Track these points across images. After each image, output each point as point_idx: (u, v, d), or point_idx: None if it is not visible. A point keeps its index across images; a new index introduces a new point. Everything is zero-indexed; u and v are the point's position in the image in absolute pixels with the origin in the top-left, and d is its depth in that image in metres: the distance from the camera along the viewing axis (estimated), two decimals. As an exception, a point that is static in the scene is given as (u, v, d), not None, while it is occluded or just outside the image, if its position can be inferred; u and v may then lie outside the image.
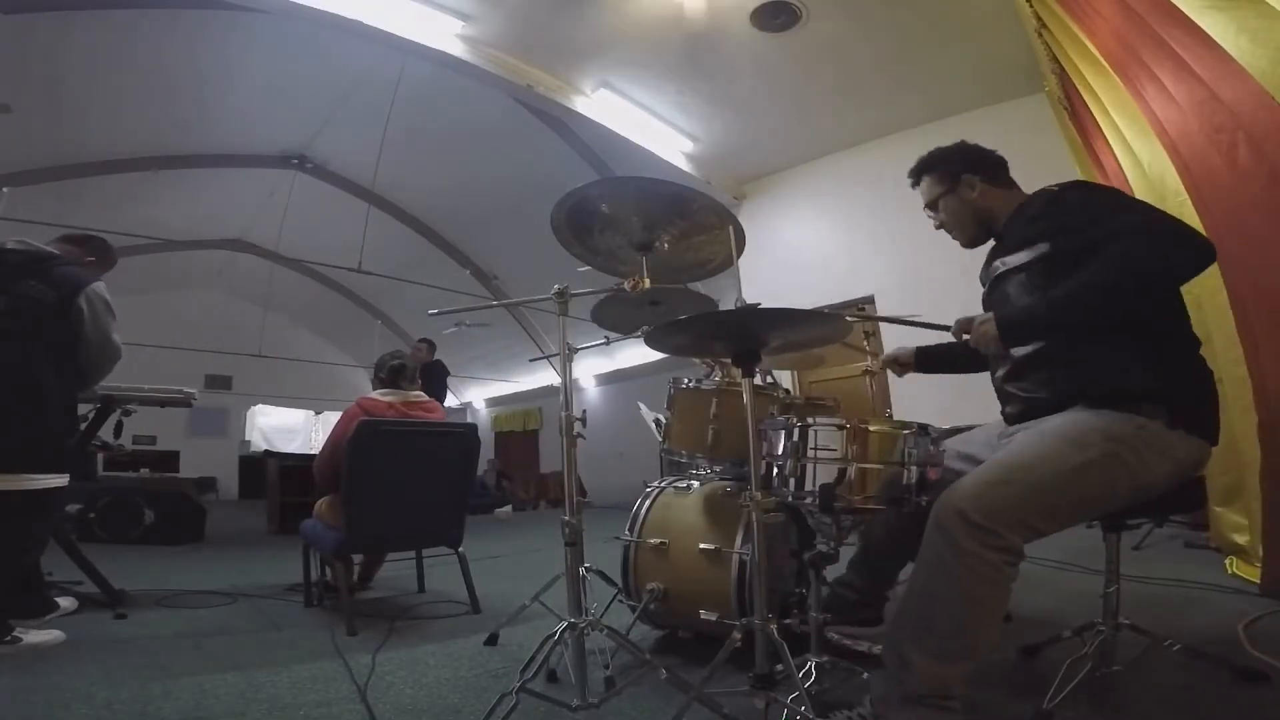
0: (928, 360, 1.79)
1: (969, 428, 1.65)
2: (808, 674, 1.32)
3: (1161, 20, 1.96)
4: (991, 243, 1.58)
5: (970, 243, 1.59)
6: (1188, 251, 1.19)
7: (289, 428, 8.57)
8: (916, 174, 1.62)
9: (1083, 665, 1.32)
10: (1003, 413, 1.48)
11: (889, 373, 1.91)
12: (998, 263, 1.47)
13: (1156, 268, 1.19)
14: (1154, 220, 1.24)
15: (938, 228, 1.61)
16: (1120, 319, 1.23)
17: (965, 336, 1.40)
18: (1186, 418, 1.22)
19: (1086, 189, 1.40)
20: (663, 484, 2.03)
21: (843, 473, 1.27)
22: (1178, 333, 1.30)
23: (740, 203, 7.25)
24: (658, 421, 2.01)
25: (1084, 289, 1.21)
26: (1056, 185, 1.43)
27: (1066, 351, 1.30)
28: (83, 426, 2.60)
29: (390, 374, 2.66)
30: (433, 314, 2.15)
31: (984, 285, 1.57)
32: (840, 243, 6.63)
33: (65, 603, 2.35)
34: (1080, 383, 1.26)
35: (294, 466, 5.72)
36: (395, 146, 7.84)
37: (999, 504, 1.09)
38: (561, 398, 1.53)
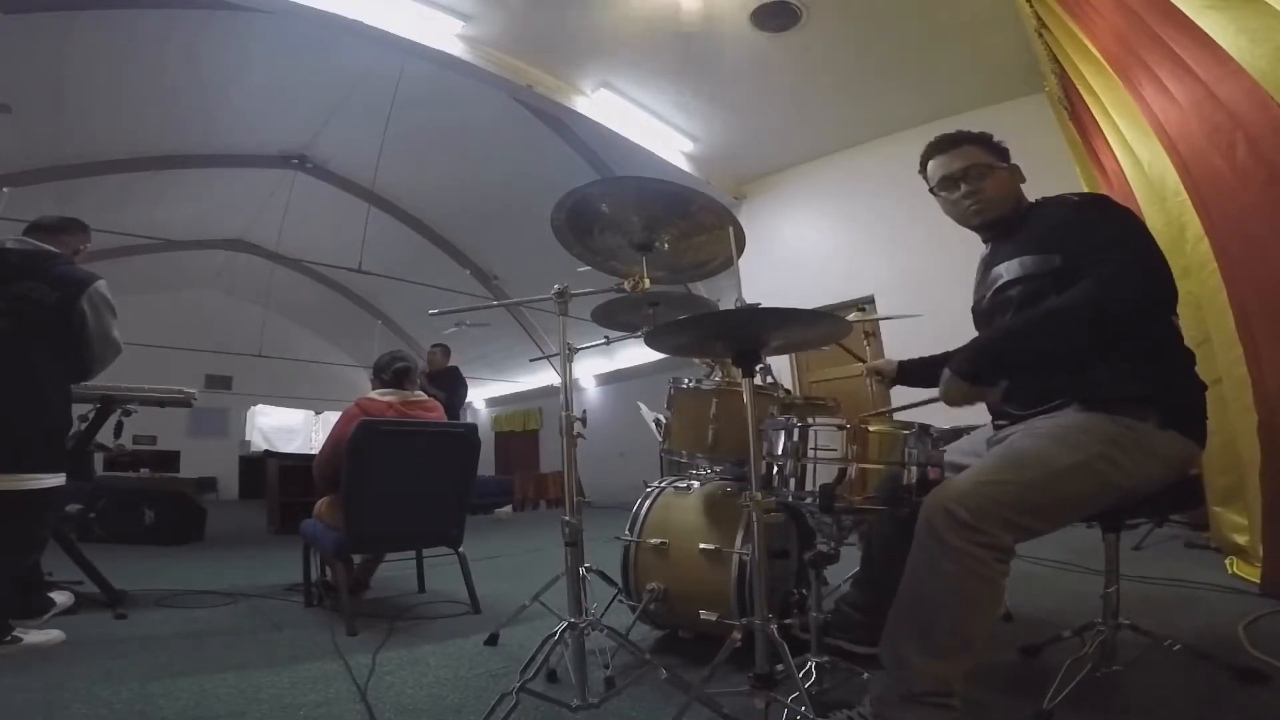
0: (909, 375, 1.75)
1: (969, 428, 1.65)
2: (808, 674, 1.33)
3: (1161, 20, 1.96)
4: (984, 249, 1.58)
5: (984, 223, 1.51)
6: (1153, 293, 1.21)
7: (289, 428, 8.56)
8: (960, 140, 1.51)
9: (1083, 665, 1.32)
10: (994, 424, 1.49)
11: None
12: (1000, 268, 1.43)
13: (1116, 307, 1.20)
14: (1134, 257, 1.22)
15: (964, 197, 1.48)
16: (1077, 348, 1.25)
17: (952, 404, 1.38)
18: (1177, 419, 1.22)
19: (1103, 208, 1.36)
20: (663, 484, 2.03)
21: (843, 473, 1.27)
22: (1170, 346, 1.31)
23: (740, 203, 7.24)
24: (658, 421, 2.01)
25: (1045, 318, 1.23)
26: (1076, 195, 1.40)
27: (1060, 365, 1.29)
28: (83, 427, 2.60)
29: (395, 376, 2.65)
30: (433, 314, 2.15)
31: (979, 294, 1.54)
32: (840, 242, 6.62)
33: (61, 599, 2.35)
34: (1073, 389, 1.26)
35: (294, 466, 5.72)
36: (395, 146, 7.85)
37: (987, 502, 1.09)
38: (561, 398, 1.53)
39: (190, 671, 1.75)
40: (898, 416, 1.57)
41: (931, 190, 1.57)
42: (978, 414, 1.56)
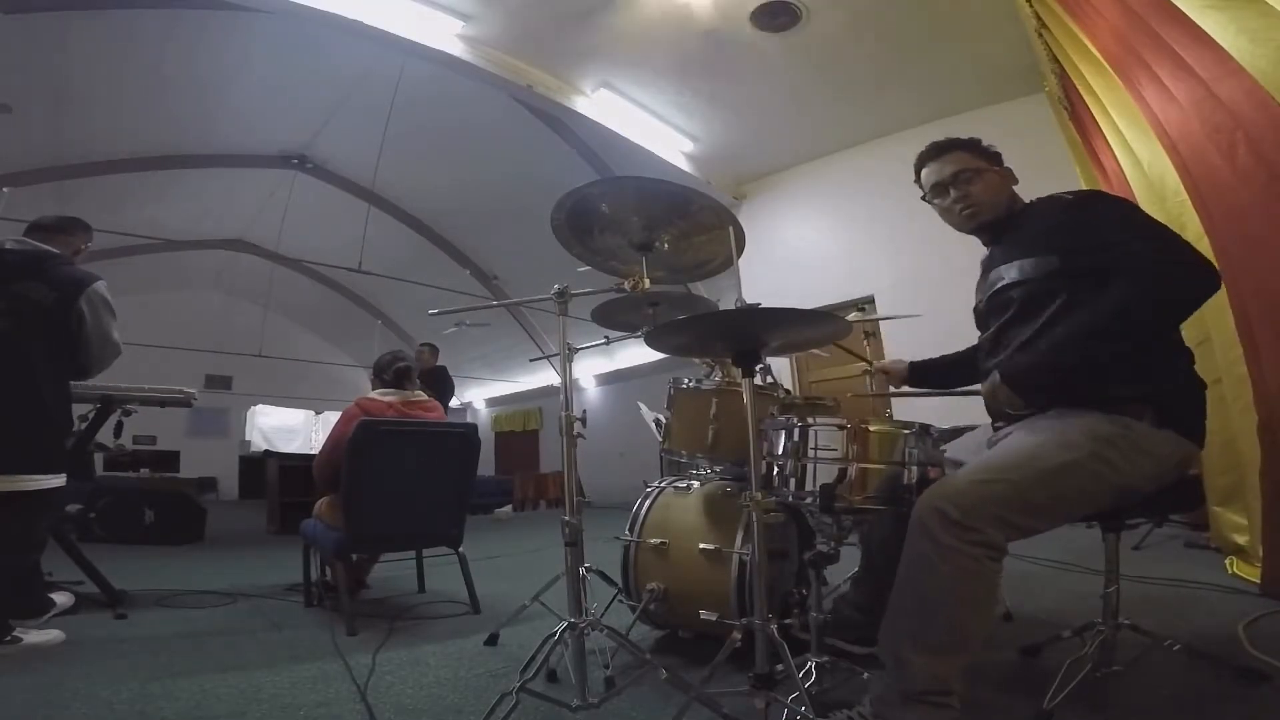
0: (919, 375, 1.80)
1: (969, 427, 1.65)
2: (808, 674, 1.33)
3: (1161, 20, 1.96)
4: (984, 251, 1.58)
5: (979, 226, 1.52)
6: (1194, 286, 1.21)
7: (289, 428, 8.55)
8: (949, 147, 1.52)
9: (1083, 665, 1.32)
10: (993, 425, 1.49)
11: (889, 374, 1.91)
12: (1000, 270, 1.44)
13: (1162, 305, 1.20)
14: (1164, 251, 1.22)
15: (955, 202, 1.50)
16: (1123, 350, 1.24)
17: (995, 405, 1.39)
18: (1173, 418, 1.22)
19: (1102, 203, 1.37)
20: (663, 484, 2.03)
21: (843, 473, 1.27)
22: (1169, 343, 1.31)
23: (740, 203, 7.25)
24: (658, 421, 2.01)
25: (1088, 330, 1.22)
26: (1070, 194, 1.40)
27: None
28: (83, 427, 2.60)
29: (396, 376, 2.65)
30: (433, 314, 2.15)
31: (980, 296, 1.54)
32: (840, 243, 6.63)
33: (61, 599, 2.35)
34: (1070, 388, 1.26)
35: (294, 466, 5.72)
36: (395, 146, 7.85)
37: (979, 501, 1.09)
38: (561, 398, 1.53)
39: (190, 671, 1.75)
40: (898, 414, 1.57)
41: (925, 198, 1.59)
42: (979, 413, 1.56)
